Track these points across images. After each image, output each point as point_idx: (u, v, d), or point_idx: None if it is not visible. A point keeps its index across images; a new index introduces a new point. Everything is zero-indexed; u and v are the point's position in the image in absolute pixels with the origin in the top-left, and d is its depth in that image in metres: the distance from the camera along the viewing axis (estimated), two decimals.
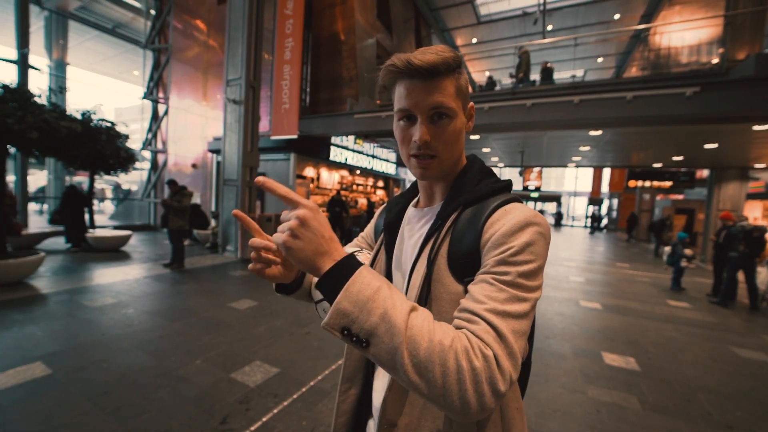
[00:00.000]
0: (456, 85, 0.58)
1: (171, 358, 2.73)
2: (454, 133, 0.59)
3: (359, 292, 0.45)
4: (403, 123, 0.60)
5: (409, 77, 0.57)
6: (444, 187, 0.67)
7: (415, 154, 0.59)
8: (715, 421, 2.30)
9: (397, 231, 0.73)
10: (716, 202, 9.54)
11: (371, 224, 0.86)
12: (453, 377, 0.42)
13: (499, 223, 0.54)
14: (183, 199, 5.81)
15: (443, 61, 0.56)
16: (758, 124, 5.30)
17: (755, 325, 4.46)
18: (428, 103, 0.56)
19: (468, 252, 0.56)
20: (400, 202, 0.76)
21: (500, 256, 0.51)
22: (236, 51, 7.20)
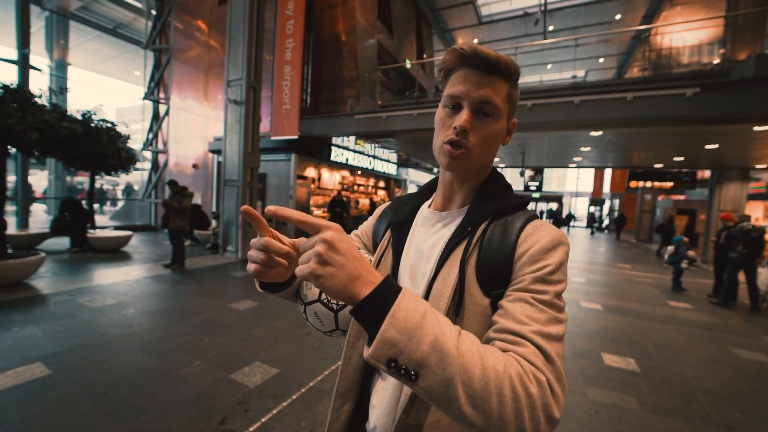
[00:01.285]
0: (509, 91, 0.60)
1: (171, 358, 2.74)
2: (493, 134, 0.59)
3: (406, 318, 0.40)
4: (447, 110, 0.60)
5: (470, 66, 0.58)
6: (467, 192, 0.65)
7: (451, 140, 0.58)
8: (715, 423, 2.30)
9: (406, 232, 0.69)
10: (717, 202, 9.52)
11: (370, 223, 0.83)
12: (510, 407, 0.39)
13: (533, 238, 0.54)
14: (183, 200, 5.82)
15: (506, 63, 0.57)
16: (759, 125, 5.29)
17: (756, 326, 4.45)
18: (480, 94, 0.57)
19: (499, 264, 0.55)
20: (411, 202, 0.74)
21: (537, 274, 0.51)
22: (237, 51, 7.21)
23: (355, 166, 10.91)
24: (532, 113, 5.86)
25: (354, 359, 0.65)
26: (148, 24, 11.21)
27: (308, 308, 0.63)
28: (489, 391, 0.39)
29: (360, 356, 0.64)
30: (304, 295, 0.64)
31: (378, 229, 0.78)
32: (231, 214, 7.30)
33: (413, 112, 7.17)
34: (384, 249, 0.70)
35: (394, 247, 0.68)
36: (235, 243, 7.17)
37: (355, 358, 0.65)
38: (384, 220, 0.77)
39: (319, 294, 0.62)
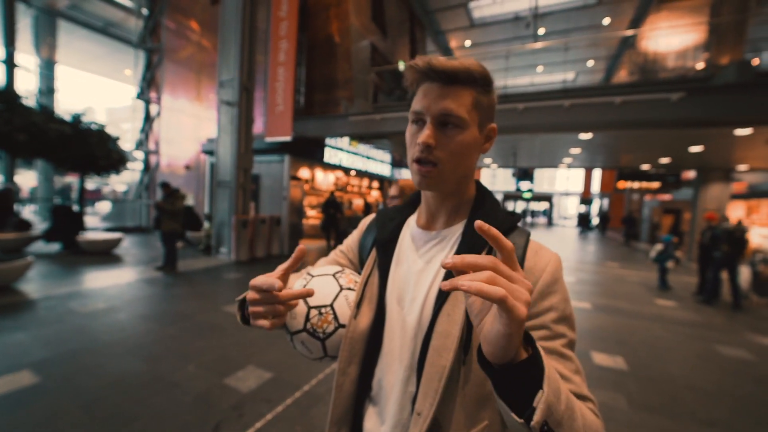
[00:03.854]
0: (475, 98, 0.56)
1: (164, 363, 2.73)
2: (461, 145, 0.56)
3: (555, 379, 0.40)
4: (414, 127, 0.59)
5: (429, 80, 0.56)
6: (450, 209, 0.64)
7: (417, 157, 0.57)
8: (699, 419, 2.37)
9: (392, 250, 0.66)
10: (702, 202, 9.76)
11: (355, 237, 0.78)
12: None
13: (537, 269, 0.55)
14: (176, 202, 5.76)
15: (465, 69, 0.54)
16: (740, 128, 5.44)
17: (737, 323, 4.59)
18: (440, 107, 0.55)
19: None
20: (396, 217, 0.70)
21: (556, 315, 0.53)
22: (229, 52, 7.17)
23: (348, 167, 10.92)
24: (523, 116, 5.94)
25: (346, 386, 0.62)
26: (139, 23, 11.07)
27: (294, 337, 0.62)
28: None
29: (352, 382, 0.62)
30: (289, 324, 0.62)
31: (364, 244, 0.74)
32: (224, 215, 7.25)
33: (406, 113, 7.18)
34: (371, 269, 0.67)
35: (380, 266, 0.66)
36: (228, 245, 7.13)
37: (347, 385, 0.62)
38: (370, 235, 0.74)
39: (304, 323, 0.61)
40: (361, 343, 0.62)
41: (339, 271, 0.68)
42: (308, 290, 0.56)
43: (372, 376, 0.63)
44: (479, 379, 0.53)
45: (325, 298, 0.62)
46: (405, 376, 0.58)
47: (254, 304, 0.54)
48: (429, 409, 0.52)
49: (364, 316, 0.63)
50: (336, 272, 0.67)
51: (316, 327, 0.61)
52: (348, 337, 0.61)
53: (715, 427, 2.30)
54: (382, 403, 0.62)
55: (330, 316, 0.61)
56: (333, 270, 0.68)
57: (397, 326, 0.61)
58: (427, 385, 0.53)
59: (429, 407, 0.53)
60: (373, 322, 0.63)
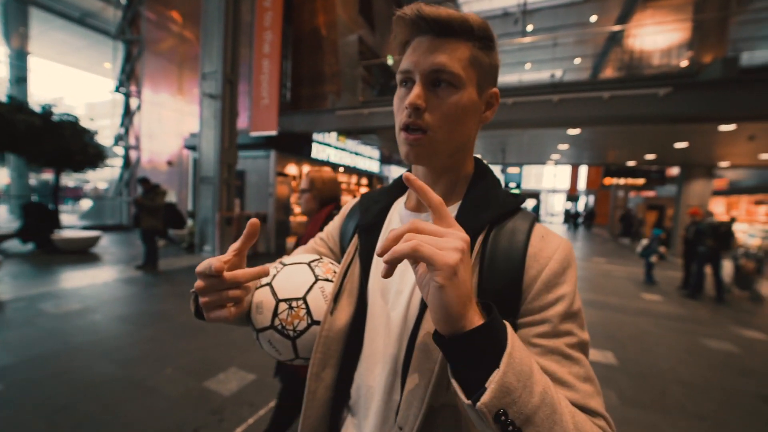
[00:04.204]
0: (472, 53, 0.48)
1: (140, 367, 2.58)
2: (456, 108, 0.47)
3: (521, 361, 0.34)
4: (402, 90, 0.50)
5: (420, 32, 0.48)
6: (445, 187, 0.55)
7: (405, 123, 0.48)
8: (689, 413, 2.37)
9: (377, 236, 0.58)
10: (685, 198, 9.97)
11: (336, 223, 0.70)
12: None
13: (543, 255, 0.47)
14: (156, 198, 5.55)
15: (460, 18, 0.46)
16: (724, 125, 5.53)
17: (721, 316, 4.67)
18: (429, 62, 0.46)
19: (506, 288, 0.46)
20: (381, 200, 0.62)
21: (561, 309, 0.44)
22: (212, 43, 6.93)
23: (336, 164, 10.76)
24: (512, 111, 5.91)
25: (320, 393, 0.54)
26: (118, 13, 10.63)
27: (261, 335, 0.53)
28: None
29: (327, 388, 0.54)
30: (254, 319, 0.53)
31: (345, 230, 0.66)
32: (207, 212, 7.03)
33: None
34: (351, 257, 0.58)
35: (362, 254, 0.57)
36: (212, 242, 6.92)
37: (322, 391, 0.54)
38: (352, 220, 0.65)
39: (271, 319, 0.52)
40: (339, 343, 0.53)
41: (316, 259, 0.59)
42: (262, 268, 0.49)
43: (351, 382, 0.55)
44: None
45: (297, 289, 0.53)
46: (388, 382, 0.50)
47: (203, 293, 0.46)
48: (413, 422, 0.44)
49: (342, 312, 0.54)
50: (312, 261, 0.58)
51: (286, 323, 0.52)
52: (323, 335, 0.52)
53: (706, 420, 2.30)
54: (362, 413, 0.53)
55: (302, 311, 0.53)
56: (308, 258, 0.59)
57: (380, 324, 0.53)
58: (412, 393, 0.45)
59: (413, 420, 0.44)
60: (353, 318, 0.54)
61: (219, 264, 0.44)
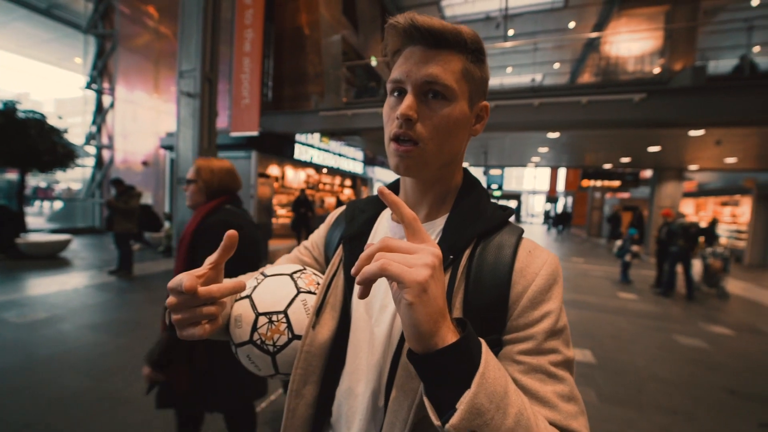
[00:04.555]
0: (465, 66, 0.48)
1: (113, 378, 2.46)
2: (448, 120, 0.47)
3: (495, 381, 0.34)
4: (392, 99, 0.50)
5: (412, 42, 0.47)
6: (433, 199, 0.54)
7: (395, 134, 0.47)
8: (663, 408, 2.46)
9: (362, 248, 0.55)
10: (658, 199, 10.41)
11: (321, 232, 0.68)
12: None
13: (530, 271, 0.46)
14: (130, 200, 5.35)
15: (455, 32, 0.45)
16: (693, 130, 5.80)
17: (692, 313, 4.89)
18: (422, 73, 0.46)
19: (492, 304, 0.45)
20: (367, 209, 0.60)
21: (547, 326, 0.43)
22: (190, 40, 6.72)
23: (319, 165, 10.66)
24: (494, 114, 6.01)
25: (300, 411, 0.52)
26: (89, 6, 10.17)
27: (239, 350, 0.51)
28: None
29: (307, 406, 0.52)
30: (233, 333, 0.51)
31: (330, 240, 0.64)
32: (185, 215, 6.81)
33: (379, 110, 7.09)
34: (335, 269, 0.56)
35: (347, 266, 0.55)
36: None
37: (302, 409, 0.52)
38: (337, 229, 0.63)
39: (250, 333, 0.50)
40: (320, 359, 0.52)
41: (298, 270, 0.57)
42: (238, 282, 0.47)
43: (332, 399, 0.53)
44: None
45: (277, 302, 0.52)
46: (372, 401, 0.48)
47: (175, 310, 0.43)
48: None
49: (324, 326, 0.52)
50: (294, 272, 0.56)
51: (265, 338, 0.50)
52: (304, 351, 0.51)
53: (678, 415, 2.38)
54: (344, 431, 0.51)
55: (283, 325, 0.51)
56: (291, 269, 0.57)
57: (363, 339, 0.51)
58: (394, 415, 0.43)
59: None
60: (336, 333, 0.53)
61: (191, 281, 0.40)
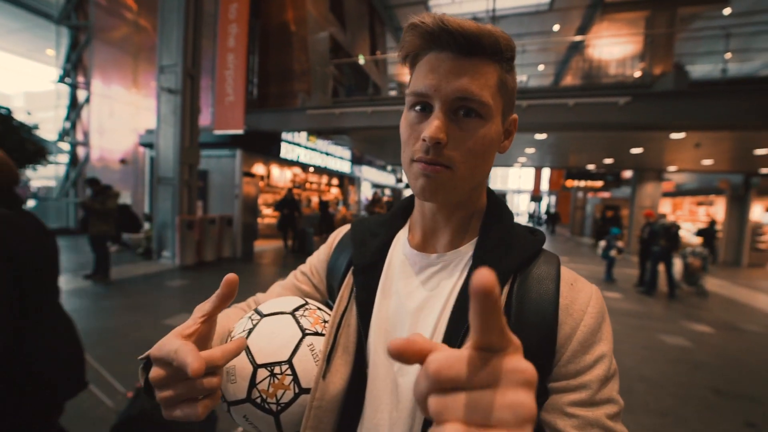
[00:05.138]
0: (501, 77, 0.41)
1: (86, 394, 2.30)
2: (484, 142, 0.40)
3: None
4: (414, 114, 0.42)
5: (439, 47, 0.40)
6: (457, 225, 0.47)
7: (420, 155, 0.40)
8: (652, 410, 2.48)
9: (377, 278, 0.49)
10: (638, 199, 10.73)
11: (323, 256, 0.60)
12: None
13: (576, 309, 0.41)
14: (107, 201, 5.08)
15: (491, 36, 0.38)
16: (675, 133, 5.97)
17: (674, 312, 5.02)
18: (454, 87, 0.38)
19: (536, 345, 0.39)
20: (379, 232, 0.52)
21: (602, 372, 0.38)
22: (171, 34, 6.46)
23: (306, 164, 10.49)
24: None
25: None
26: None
27: (233, 409, 0.43)
28: None
29: None
30: (224, 389, 0.43)
31: (335, 266, 0.55)
32: (166, 215, 6.56)
33: (367, 109, 7.02)
34: (346, 303, 0.48)
35: (359, 301, 0.48)
36: (172, 248, 6.46)
37: None
38: (343, 254, 0.55)
39: (247, 391, 0.42)
40: (333, 414, 0.44)
41: (301, 306, 0.49)
42: (240, 341, 0.38)
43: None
44: None
45: (280, 350, 0.44)
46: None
47: (161, 387, 0.34)
48: None
49: (336, 375, 0.44)
50: (296, 308, 0.49)
51: (267, 395, 0.42)
52: (314, 406, 0.43)
53: (667, 416, 2.41)
54: None
55: (288, 379, 0.43)
56: (291, 305, 0.49)
57: (384, 391, 0.44)
58: None
59: None
60: (350, 382, 0.45)
61: (199, 363, 0.31)
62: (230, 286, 0.37)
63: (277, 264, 7.08)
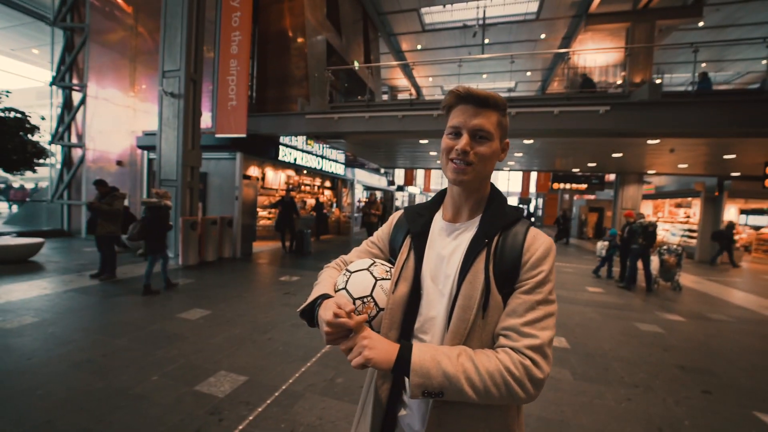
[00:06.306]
0: (499, 119, 0.75)
1: (122, 377, 2.52)
2: (489, 152, 0.73)
3: (421, 366, 0.63)
4: (450, 137, 0.76)
5: (465, 102, 0.74)
6: (472, 205, 0.80)
7: (454, 158, 0.73)
8: (626, 383, 2.83)
9: (425, 240, 0.82)
10: (621, 201, 11.26)
11: (386, 231, 0.94)
12: (503, 389, 0.62)
13: (533, 247, 0.72)
14: (114, 202, 5.26)
15: (494, 98, 0.73)
16: (651, 139, 6.43)
17: (650, 304, 5.44)
18: (474, 123, 0.72)
19: (511, 269, 0.71)
20: (425, 213, 0.86)
21: (537, 279, 0.69)
22: (174, 40, 6.65)
23: (302, 166, 10.71)
24: None
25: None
26: None
27: None
28: (488, 386, 0.62)
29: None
30: None
31: (395, 237, 0.91)
32: None
33: (365, 114, 7.30)
34: (406, 255, 0.81)
35: (416, 252, 0.81)
36: (175, 248, 6.62)
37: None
38: (400, 229, 0.90)
39: None
40: (399, 313, 0.76)
41: (372, 264, 0.83)
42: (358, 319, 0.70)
43: (410, 338, 0.77)
44: (490, 327, 0.70)
45: (364, 289, 0.77)
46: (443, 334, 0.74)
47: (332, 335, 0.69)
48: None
49: (399, 291, 0.78)
50: (369, 265, 0.82)
51: (363, 313, 0.75)
52: (388, 309, 0.77)
53: (638, 387, 2.76)
54: None
55: (371, 304, 0.77)
56: (367, 264, 0.83)
57: (435, 299, 0.76)
58: (454, 333, 0.70)
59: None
60: (410, 295, 0.77)
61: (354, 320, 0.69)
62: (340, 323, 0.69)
63: (276, 263, 7.28)
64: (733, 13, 11.09)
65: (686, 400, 2.60)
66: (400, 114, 7.05)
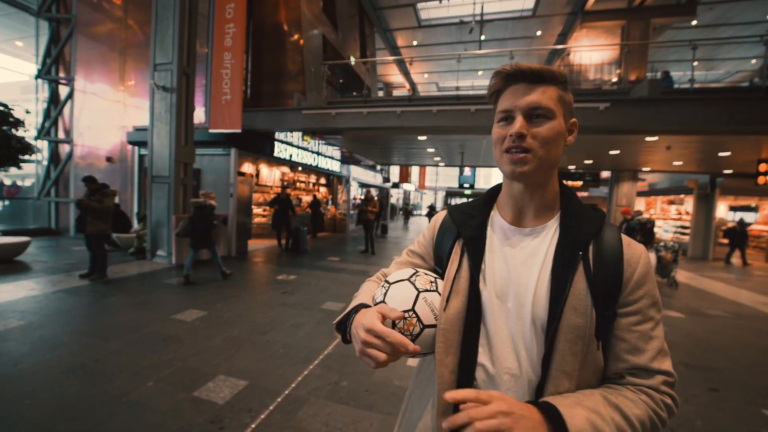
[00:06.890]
0: (559, 93, 0.62)
1: (116, 382, 2.41)
2: (552, 133, 0.59)
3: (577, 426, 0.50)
4: (501, 125, 0.63)
5: (515, 82, 0.62)
6: (538, 204, 0.65)
7: (508, 147, 0.60)
8: None
9: (482, 246, 0.67)
10: (615, 198, 11.35)
11: (429, 236, 0.80)
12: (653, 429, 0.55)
13: (633, 259, 0.61)
14: (105, 199, 5.08)
15: (549, 71, 0.61)
16: (649, 136, 6.44)
17: None
18: (527, 101, 0.60)
19: (612, 284, 0.59)
20: (476, 214, 0.71)
21: (650, 300, 0.60)
22: (166, 33, 6.44)
23: (298, 163, 10.55)
24: (475, 117, 6.31)
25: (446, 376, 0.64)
26: None
27: None
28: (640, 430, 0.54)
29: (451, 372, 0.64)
30: None
31: (441, 242, 0.75)
32: (161, 214, 6.54)
33: (363, 110, 7.19)
34: (458, 264, 0.67)
35: (472, 261, 0.66)
36: (167, 247, 6.45)
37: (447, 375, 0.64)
38: (447, 233, 0.74)
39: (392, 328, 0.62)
40: (456, 334, 0.63)
41: (413, 274, 0.70)
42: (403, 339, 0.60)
43: (473, 366, 0.63)
44: (600, 360, 0.61)
45: (405, 303, 0.65)
46: (527, 366, 0.60)
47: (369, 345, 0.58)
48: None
49: (452, 308, 0.64)
50: (411, 276, 0.70)
51: (404, 330, 0.64)
52: (441, 329, 0.64)
53: None
54: None
55: (414, 320, 0.64)
56: (408, 274, 0.70)
57: (501, 319, 0.63)
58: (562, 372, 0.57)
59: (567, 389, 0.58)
60: (467, 312, 0.64)
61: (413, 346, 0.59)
62: None
63: (272, 262, 7.15)
64: (725, 12, 11.19)
65: (695, 398, 2.58)
66: (398, 110, 6.95)
